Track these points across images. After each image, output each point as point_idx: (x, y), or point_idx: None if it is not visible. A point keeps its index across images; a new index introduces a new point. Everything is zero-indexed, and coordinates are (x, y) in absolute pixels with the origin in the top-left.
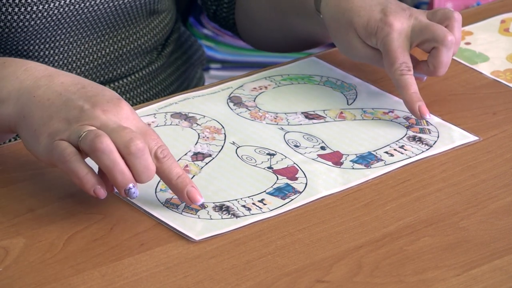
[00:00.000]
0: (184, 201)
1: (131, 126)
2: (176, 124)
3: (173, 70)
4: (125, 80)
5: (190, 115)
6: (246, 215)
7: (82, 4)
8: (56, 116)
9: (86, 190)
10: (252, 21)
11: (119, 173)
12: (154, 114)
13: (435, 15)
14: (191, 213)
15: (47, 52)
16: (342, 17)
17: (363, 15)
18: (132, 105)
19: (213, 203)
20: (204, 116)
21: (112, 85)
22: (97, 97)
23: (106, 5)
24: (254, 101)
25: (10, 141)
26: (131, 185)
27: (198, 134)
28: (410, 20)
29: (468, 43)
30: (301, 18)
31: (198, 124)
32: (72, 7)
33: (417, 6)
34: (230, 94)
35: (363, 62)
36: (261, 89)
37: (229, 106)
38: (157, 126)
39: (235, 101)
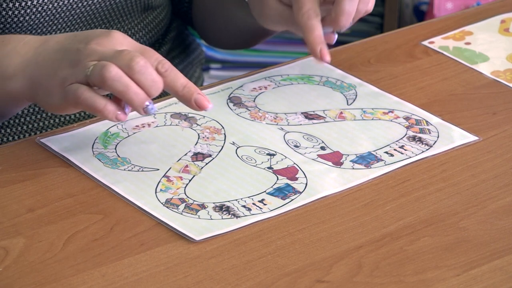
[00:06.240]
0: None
1: (128, 48)
2: (176, 125)
3: None
4: None
5: (190, 115)
6: (246, 215)
7: None
8: (59, 67)
9: (109, 118)
10: (203, 16)
11: (134, 94)
12: (154, 114)
13: None
14: (191, 213)
15: None
16: None
17: None
18: None
19: (213, 203)
20: (204, 116)
21: None
22: (88, 37)
23: None
24: (254, 101)
25: (9, 140)
26: (147, 102)
27: (198, 134)
28: None
29: (468, 43)
30: (237, 7)
31: (198, 124)
32: (66, 1)
33: (417, 6)
34: (230, 94)
35: (278, 28)
36: (261, 89)
37: (229, 106)
38: (157, 126)
39: (235, 101)
